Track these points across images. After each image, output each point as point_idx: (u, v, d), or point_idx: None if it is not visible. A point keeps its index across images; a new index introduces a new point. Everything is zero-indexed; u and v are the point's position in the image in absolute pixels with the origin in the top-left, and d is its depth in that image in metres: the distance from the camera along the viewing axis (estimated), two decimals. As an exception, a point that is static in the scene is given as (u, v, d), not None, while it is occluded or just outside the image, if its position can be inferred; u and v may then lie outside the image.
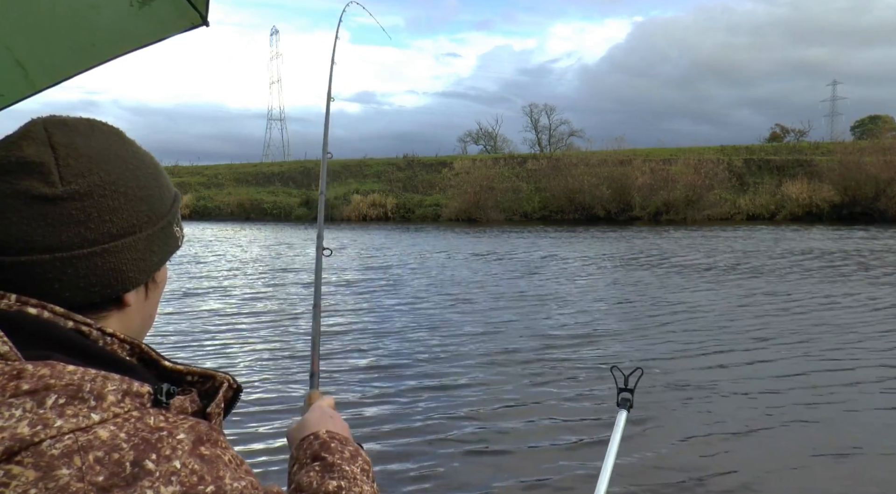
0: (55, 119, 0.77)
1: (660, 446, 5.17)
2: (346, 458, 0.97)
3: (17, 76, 1.59)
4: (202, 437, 0.70)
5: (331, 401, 1.17)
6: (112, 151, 0.77)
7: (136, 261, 0.78)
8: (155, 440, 0.65)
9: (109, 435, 0.64)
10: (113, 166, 0.76)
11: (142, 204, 0.78)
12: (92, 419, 0.64)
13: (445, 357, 8.03)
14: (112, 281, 0.76)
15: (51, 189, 0.72)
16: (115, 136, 0.80)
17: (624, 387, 1.96)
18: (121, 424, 0.65)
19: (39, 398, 0.63)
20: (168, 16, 1.57)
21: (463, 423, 5.73)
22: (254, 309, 11.61)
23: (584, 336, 9.15)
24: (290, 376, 7.24)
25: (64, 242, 0.72)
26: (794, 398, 6.31)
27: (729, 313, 10.78)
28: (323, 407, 1.12)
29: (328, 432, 1.01)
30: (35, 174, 0.72)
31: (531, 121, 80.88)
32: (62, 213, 0.72)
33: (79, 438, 0.62)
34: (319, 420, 1.06)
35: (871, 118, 67.71)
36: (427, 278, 15.83)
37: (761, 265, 17.62)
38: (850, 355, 7.88)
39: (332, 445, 0.98)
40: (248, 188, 63.50)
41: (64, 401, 0.63)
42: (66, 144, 0.74)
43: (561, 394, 6.48)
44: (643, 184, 45.51)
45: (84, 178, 0.73)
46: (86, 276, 0.74)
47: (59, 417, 0.62)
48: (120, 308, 0.79)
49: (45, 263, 0.71)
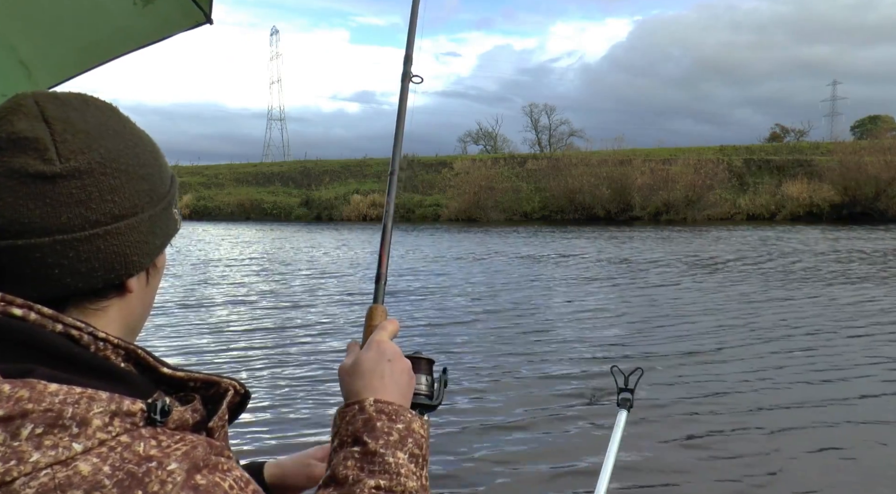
0: (45, 93, 0.70)
1: (660, 446, 5.17)
2: (393, 442, 0.83)
3: (21, 76, 1.60)
4: (198, 464, 0.62)
5: (393, 328, 0.99)
6: (110, 126, 0.72)
7: (139, 243, 0.72)
8: (142, 473, 0.59)
9: (91, 470, 0.57)
10: (112, 143, 0.70)
11: (143, 183, 0.72)
12: (73, 450, 0.57)
13: (441, 354, 8.02)
14: (115, 265, 0.70)
15: (49, 167, 0.65)
16: (111, 111, 0.74)
17: (624, 387, 1.96)
18: (105, 455, 0.59)
19: (14, 427, 0.57)
20: (172, 14, 1.57)
21: (461, 423, 5.73)
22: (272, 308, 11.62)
23: (584, 336, 9.15)
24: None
25: (64, 223, 0.66)
26: (795, 397, 6.31)
27: (729, 312, 10.77)
28: (381, 345, 0.93)
29: (376, 404, 0.86)
30: (30, 151, 0.66)
31: (531, 121, 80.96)
32: (61, 192, 0.66)
33: (57, 474, 0.56)
34: (372, 374, 0.89)
35: (870, 118, 67.75)
36: (425, 278, 15.82)
37: (762, 265, 17.61)
38: (852, 354, 7.88)
39: (378, 424, 0.84)
40: (248, 188, 63.54)
41: (42, 430, 0.57)
42: (62, 118, 0.68)
43: (561, 394, 6.48)
44: (643, 184, 45.54)
45: (83, 154, 0.67)
46: (87, 260, 0.68)
47: (36, 449, 0.56)
48: (121, 295, 0.73)
49: (44, 246, 0.65)
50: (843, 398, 6.29)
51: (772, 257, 19.89)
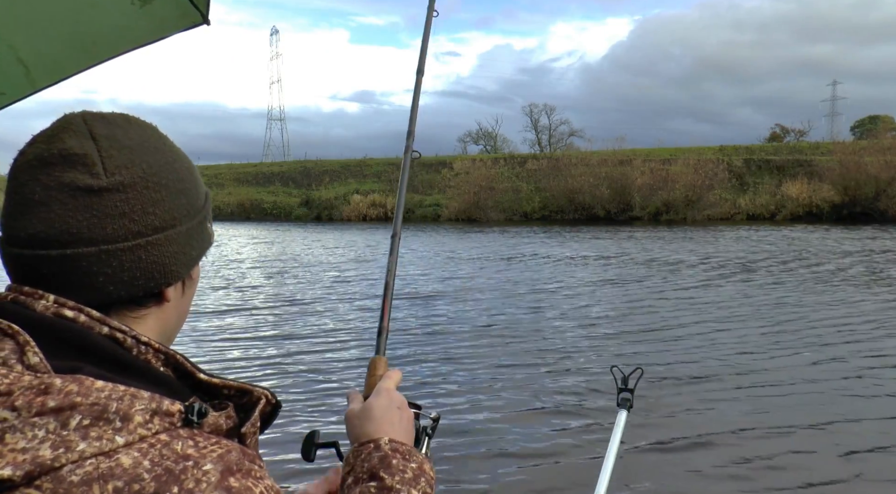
0: (92, 113, 0.76)
1: (660, 446, 5.17)
2: (408, 480, 0.87)
3: (19, 75, 1.60)
4: (232, 467, 0.66)
5: (398, 378, 1.05)
6: (151, 143, 0.77)
7: (177, 254, 0.77)
8: (179, 471, 0.62)
9: (132, 463, 0.61)
10: (153, 158, 0.75)
11: (181, 197, 0.77)
12: (116, 443, 0.61)
13: (443, 355, 8.03)
14: (155, 274, 0.75)
15: (96, 181, 0.70)
16: (151, 129, 0.79)
17: (624, 387, 1.96)
18: (145, 450, 0.62)
19: (63, 418, 0.61)
20: (169, 14, 1.57)
21: (461, 422, 5.73)
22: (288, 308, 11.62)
23: (583, 336, 9.15)
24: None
25: (109, 234, 0.71)
26: (795, 396, 6.31)
27: (729, 312, 10.77)
28: (390, 393, 1.00)
29: (391, 443, 0.91)
30: (79, 166, 0.71)
31: (531, 121, 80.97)
32: (107, 204, 0.71)
33: (100, 464, 0.60)
34: (384, 418, 0.95)
35: (870, 118, 67.75)
36: (425, 278, 15.82)
37: (762, 265, 17.61)
38: (854, 354, 7.88)
39: (394, 461, 0.89)
40: (248, 188, 63.57)
41: (88, 422, 0.61)
42: (108, 135, 0.73)
43: (561, 394, 6.48)
44: (643, 184, 45.54)
45: (127, 169, 0.72)
46: (130, 269, 0.72)
47: (83, 439, 0.60)
48: (159, 304, 0.78)
49: (91, 255, 0.70)
50: (847, 397, 6.28)
51: (773, 257, 19.88)
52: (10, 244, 0.72)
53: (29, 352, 0.65)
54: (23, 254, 0.71)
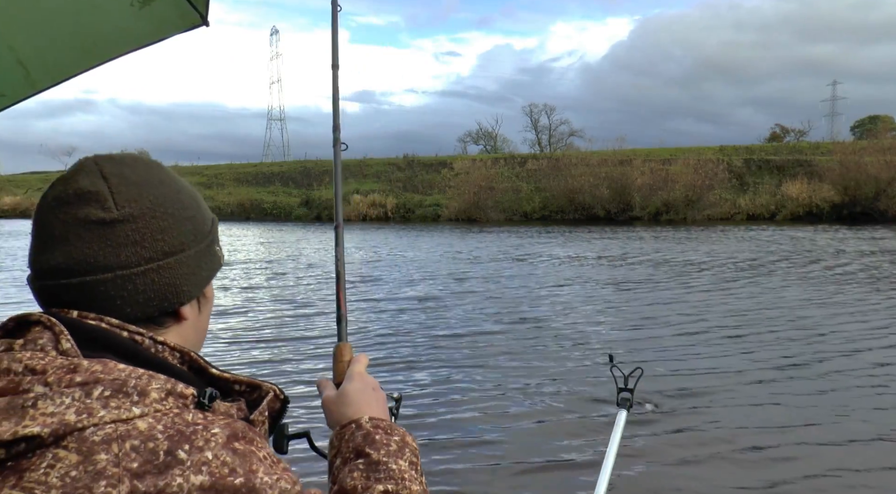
0: (103, 155, 0.85)
1: (660, 445, 5.17)
2: (393, 452, 0.93)
3: (19, 76, 1.60)
4: (237, 433, 0.73)
5: (366, 361, 1.10)
6: (156, 177, 0.85)
7: (187, 276, 0.85)
8: (189, 432, 0.70)
9: (147, 427, 0.69)
10: (159, 191, 0.83)
11: (187, 223, 0.85)
12: (133, 413, 0.69)
13: (443, 356, 8.03)
14: (168, 295, 0.83)
15: (108, 214, 0.79)
16: (156, 165, 0.87)
17: (624, 387, 1.97)
18: (159, 417, 0.70)
19: (88, 389, 0.69)
20: (169, 16, 1.57)
21: (461, 422, 5.73)
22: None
23: (583, 336, 9.15)
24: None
25: (123, 261, 0.79)
26: (795, 396, 6.31)
27: (729, 312, 10.77)
28: (363, 377, 1.06)
29: (372, 420, 0.97)
30: (92, 202, 0.79)
31: (531, 121, 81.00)
32: (119, 234, 0.79)
33: (118, 428, 0.68)
34: (360, 400, 1.01)
35: (870, 118, 67.76)
36: (425, 278, 15.83)
37: (762, 265, 17.62)
38: (854, 354, 7.88)
39: (377, 436, 0.94)
40: (248, 188, 63.57)
41: (109, 394, 0.69)
42: (116, 173, 0.82)
43: (560, 394, 6.48)
44: (643, 184, 45.55)
45: (136, 202, 0.81)
46: (144, 291, 0.81)
47: (103, 407, 0.68)
48: (178, 322, 0.86)
49: (108, 281, 0.78)
50: (846, 396, 6.28)
51: (773, 257, 19.89)
52: (37, 278, 0.81)
53: (63, 339, 0.74)
54: (47, 285, 0.80)
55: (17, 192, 70.53)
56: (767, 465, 4.81)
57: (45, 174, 77.74)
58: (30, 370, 0.71)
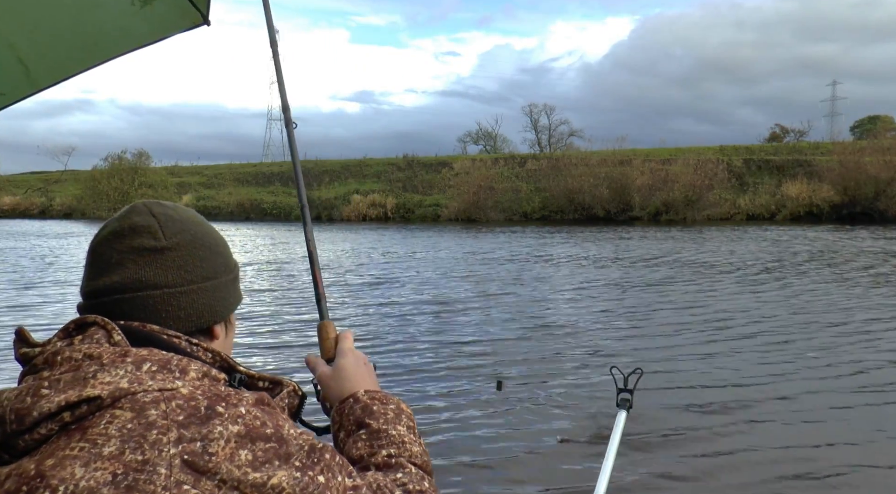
0: (151, 201, 1.01)
1: (660, 446, 5.17)
2: (391, 419, 1.03)
3: (19, 75, 1.60)
4: (264, 399, 0.88)
5: (352, 337, 1.21)
6: (194, 218, 1.02)
7: (220, 299, 0.99)
8: (224, 395, 0.84)
9: (189, 392, 0.82)
10: (197, 228, 1.00)
11: (219, 257, 1.01)
12: (175, 385, 0.83)
13: (443, 355, 8.03)
14: (205, 313, 0.97)
15: (158, 242, 0.94)
16: (192, 210, 1.04)
17: (623, 387, 1.96)
18: (198, 386, 0.84)
19: (137, 364, 0.83)
20: (169, 15, 1.57)
21: (460, 422, 5.73)
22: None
23: (583, 336, 9.15)
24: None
25: (170, 281, 0.94)
26: (795, 395, 6.31)
27: (729, 312, 10.77)
28: (354, 352, 1.16)
29: (367, 392, 1.07)
30: (145, 234, 0.94)
31: (531, 121, 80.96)
32: (168, 259, 0.94)
33: (165, 393, 0.81)
34: (356, 374, 1.12)
35: (870, 118, 67.74)
36: (424, 278, 15.83)
37: (761, 265, 17.61)
38: (854, 353, 7.88)
39: (374, 408, 1.04)
40: (248, 188, 63.51)
41: (156, 369, 0.83)
42: (163, 213, 0.98)
43: (560, 394, 6.47)
44: (643, 184, 45.52)
45: (181, 234, 0.96)
46: (185, 308, 0.95)
47: (151, 379, 0.82)
48: (209, 340, 0.99)
49: (156, 297, 0.93)
50: (846, 395, 6.28)
51: (772, 257, 19.88)
52: (90, 298, 0.94)
53: (114, 334, 0.87)
54: (103, 302, 0.92)
55: (17, 192, 70.49)
56: (770, 466, 4.81)
57: (45, 174, 77.69)
58: (88, 356, 0.83)
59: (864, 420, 5.70)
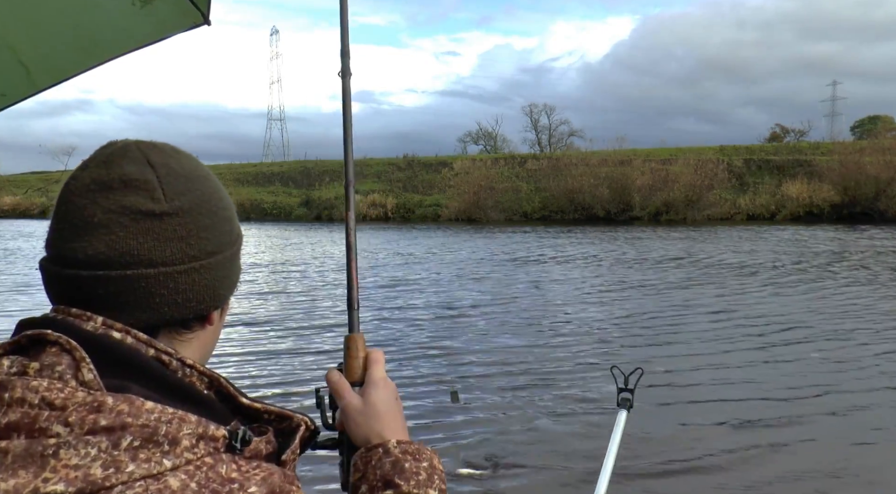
0: (143, 142, 0.78)
1: (660, 446, 5.17)
2: (423, 481, 0.88)
3: (20, 76, 1.60)
4: (275, 490, 0.68)
5: (382, 359, 1.01)
6: (200, 171, 0.80)
7: (223, 278, 0.80)
8: (226, 492, 0.64)
9: (180, 485, 0.62)
10: (204, 186, 0.79)
11: (226, 223, 0.81)
12: (164, 466, 0.63)
13: (443, 355, 8.03)
14: (206, 297, 0.78)
15: (157, 205, 0.73)
16: (196, 159, 0.82)
17: (624, 387, 1.96)
18: (192, 472, 0.64)
19: (115, 438, 0.62)
20: (170, 15, 1.57)
21: (460, 422, 5.73)
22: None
23: (583, 336, 9.15)
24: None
25: (167, 257, 0.73)
26: (796, 395, 6.31)
27: (729, 312, 10.77)
28: (387, 383, 0.97)
29: (400, 445, 0.90)
30: (140, 191, 0.73)
31: (531, 121, 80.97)
32: (167, 228, 0.73)
33: (149, 486, 0.61)
34: (388, 415, 0.93)
35: (870, 118, 67.73)
36: (424, 278, 15.83)
37: (761, 265, 17.61)
38: (854, 353, 7.88)
39: (406, 466, 0.88)
40: (248, 188, 63.50)
41: (138, 444, 0.62)
42: (164, 163, 0.76)
43: (560, 394, 6.48)
44: (643, 184, 45.50)
45: (185, 196, 0.75)
46: (184, 291, 0.75)
47: (132, 461, 0.61)
48: (203, 327, 0.81)
49: (150, 277, 0.72)
50: (845, 395, 6.28)
51: (772, 256, 19.88)
52: (63, 265, 0.72)
53: (84, 369, 0.66)
54: (79, 275, 0.71)
55: (17, 192, 70.54)
56: (772, 466, 4.81)
57: (45, 174, 77.76)
58: (47, 403, 0.62)
59: (867, 420, 5.70)
